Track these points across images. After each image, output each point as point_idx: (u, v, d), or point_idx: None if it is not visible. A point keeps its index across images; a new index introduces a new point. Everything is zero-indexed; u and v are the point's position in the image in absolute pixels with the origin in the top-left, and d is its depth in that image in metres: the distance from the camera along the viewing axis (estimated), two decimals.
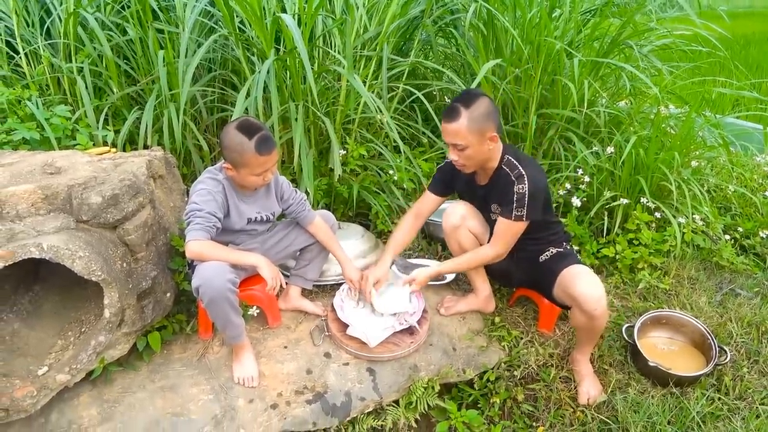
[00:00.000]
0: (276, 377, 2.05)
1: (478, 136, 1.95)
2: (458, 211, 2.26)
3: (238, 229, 2.09)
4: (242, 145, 1.87)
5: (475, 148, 1.97)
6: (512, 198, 2.01)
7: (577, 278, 1.99)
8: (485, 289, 2.41)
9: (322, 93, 2.95)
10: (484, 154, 2.02)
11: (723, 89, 3.76)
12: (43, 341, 1.98)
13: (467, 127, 1.93)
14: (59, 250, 1.73)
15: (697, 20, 3.07)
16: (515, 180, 2.01)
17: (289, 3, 3.16)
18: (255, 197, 2.12)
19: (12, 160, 2.15)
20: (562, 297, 2.11)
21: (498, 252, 2.12)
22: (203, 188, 1.93)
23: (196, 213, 1.88)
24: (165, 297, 2.15)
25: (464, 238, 2.27)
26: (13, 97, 2.66)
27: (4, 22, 3.05)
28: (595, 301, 1.92)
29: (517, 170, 2.03)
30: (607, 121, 3.10)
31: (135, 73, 3.04)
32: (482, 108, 1.93)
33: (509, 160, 2.06)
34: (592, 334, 2.07)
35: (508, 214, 2.04)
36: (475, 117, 1.92)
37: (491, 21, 3.09)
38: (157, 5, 2.94)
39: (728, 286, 2.70)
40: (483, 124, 1.94)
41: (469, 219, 2.26)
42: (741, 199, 3.29)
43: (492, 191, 2.14)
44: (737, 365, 2.24)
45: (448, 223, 2.29)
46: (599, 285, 1.97)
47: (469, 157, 2.01)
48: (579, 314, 1.99)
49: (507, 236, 2.08)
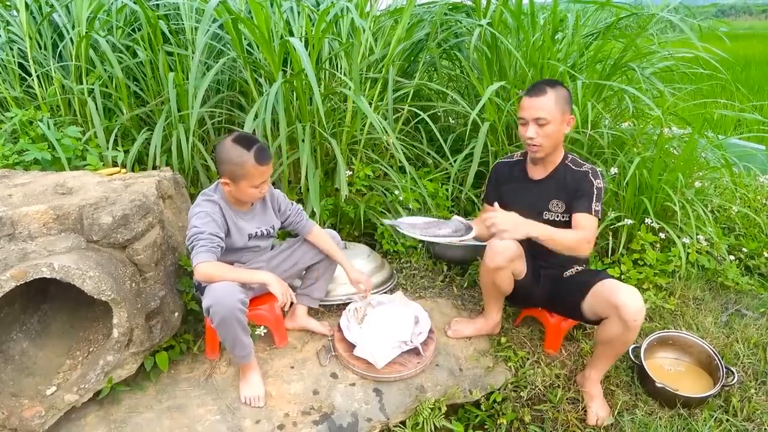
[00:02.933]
0: (283, 397, 2.05)
1: (560, 114, 2.05)
2: (506, 254, 2.07)
3: (240, 246, 2.10)
4: (241, 157, 1.89)
5: (556, 126, 2.05)
6: (591, 192, 2.07)
7: (620, 288, 1.97)
8: (497, 317, 2.41)
9: (328, 114, 3.00)
10: (559, 136, 2.09)
11: (725, 111, 3.80)
12: (52, 361, 1.99)
13: (554, 102, 2.03)
14: (70, 269, 1.74)
15: (697, 43, 3.11)
16: (591, 175, 2.09)
17: (296, 26, 3.23)
18: (252, 213, 2.14)
19: (24, 180, 2.18)
20: (598, 308, 2.04)
21: (588, 239, 2.02)
22: (201, 211, 1.95)
23: (198, 236, 1.90)
24: (173, 317, 2.16)
25: (502, 279, 2.18)
26: (25, 119, 2.71)
27: (18, 45, 3.11)
28: (637, 312, 1.90)
29: (586, 166, 2.12)
30: (611, 142, 3.13)
31: (144, 95, 3.09)
32: (564, 91, 2.07)
33: (574, 158, 2.16)
34: (618, 349, 2.03)
35: (587, 209, 2.06)
36: (560, 96, 2.04)
37: (495, 44, 3.14)
38: (168, 28, 3.00)
39: (734, 307, 2.70)
40: (565, 105, 2.06)
41: (516, 261, 2.13)
42: (745, 219, 3.30)
43: (555, 185, 2.16)
44: (744, 386, 2.23)
45: (492, 262, 2.11)
46: (641, 297, 1.95)
47: (548, 135, 2.06)
48: (615, 324, 1.95)
49: (589, 228, 2.05)
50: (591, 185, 2.08)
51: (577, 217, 2.07)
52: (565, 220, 2.14)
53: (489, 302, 2.39)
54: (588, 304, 2.09)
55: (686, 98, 3.54)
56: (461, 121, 3.70)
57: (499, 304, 2.38)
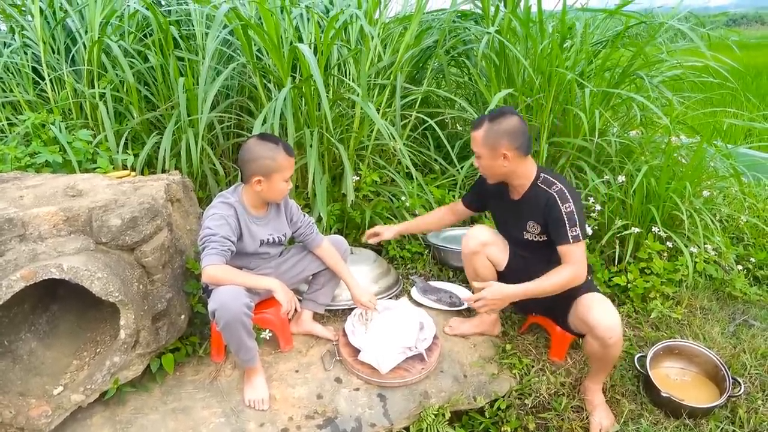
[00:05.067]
0: (287, 401, 2.06)
1: (490, 150, 2.01)
2: (478, 237, 2.27)
3: (251, 251, 2.12)
4: (273, 151, 1.97)
5: (486, 160, 2.05)
6: (562, 220, 1.98)
7: (593, 305, 1.98)
8: (493, 314, 2.42)
9: (336, 120, 3.02)
10: (499, 168, 2.06)
11: (734, 120, 3.78)
12: (59, 361, 2.01)
13: (482, 138, 2.01)
14: (78, 271, 1.77)
15: (707, 52, 3.10)
16: (558, 199, 2.00)
17: (305, 32, 3.26)
18: (267, 219, 2.15)
19: (36, 182, 2.21)
20: (577, 324, 2.10)
21: (577, 272, 1.98)
22: (215, 213, 1.97)
23: (211, 238, 1.92)
24: (179, 319, 2.17)
25: (481, 265, 2.28)
26: (37, 122, 2.75)
27: (32, 49, 3.16)
28: (610, 329, 1.91)
29: (555, 186, 2.03)
30: (619, 150, 3.13)
31: (155, 99, 3.13)
32: (504, 125, 1.99)
33: (546, 178, 2.08)
34: (606, 363, 2.05)
35: (564, 240, 1.98)
36: (493, 130, 1.99)
37: (503, 51, 3.16)
38: (179, 34, 3.04)
39: (741, 317, 2.68)
40: (498, 140, 1.99)
41: (490, 245, 2.27)
42: (753, 229, 3.28)
43: (528, 207, 2.12)
44: (751, 397, 2.21)
45: (467, 247, 2.29)
46: (615, 313, 1.96)
47: (483, 167, 2.09)
48: (593, 342, 1.98)
49: (575, 258, 1.99)
50: (559, 212, 1.98)
51: (559, 250, 2.02)
52: (543, 240, 2.13)
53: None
54: (571, 319, 2.13)
55: (695, 107, 3.53)
56: (468, 128, 3.70)
57: None
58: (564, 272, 1.99)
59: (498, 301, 2.02)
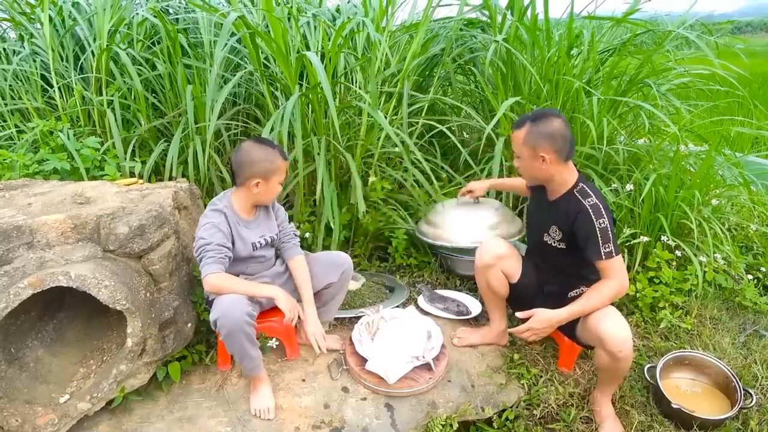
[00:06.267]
0: (293, 410, 2.05)
1: (530, 151, 1.99)
2: (494, 250, 2.23)
3: (245, 256, 2.11)
4: (271, 154, 2.00)
5: (525, 161, 2.03)
6: (595, 236, 1.93)
7: (603, 318, 1.94)
8: (502, 324, 2.40)
9: (343, 128, 3.02)
10: (536, 170, 2.03)
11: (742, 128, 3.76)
12: (66, 369, 2.00)
13: (523, 139, 2.00)
14: (86, 278, 1.76)
15: (714, 60, 3.09)
16: (592, 214, 1.94)
17: (312, 40, 3.26)
18: (257, 221, 2.15)
19: (44, 189, 2.22)
20: (586, 336, 2.07)
21: (620, 286, 1.95)
22: (206, 222, 1.97)
23: (206, 247, 1.92)
24: (186, 327, 2.17)
25: (494, 278, 2.25)
26: (46, 129, 2.76)
27: (41, 57, 3.18)
28: (621, 343, 1.88)
29: (591, 200, 1.97)
30: (626, 158, 3.11)
31: (162, 107, 3.14)
32: (546, 127, 1.96)
33: (583, 188, 2.03)
34: (616, 375, 2.03)
35: (598, 257, 1.93)
36: (534, 132, 1.97)
37: (510, 59, 3.15)
38: (187, 42, 3.05)
39: (752, 327, 2.65)
40: (538, 141, 1.96)
41: (504, 258, 2.23)
42: (763, 238, 3.25)
43: (557, 211, 2.08)
44: (763, 409, 2.18)
45: (481, 260, 2.26)
46: (625, 326, 1.93)
47: (522, 168, 2.08)
48: (603, 355, 1.95)
49: (614, 272, 1.95)
50: (593, 227, 1.93)
51: (597, 265, 1.98)
52: (561, 248, 2.10)
53: (490, 307, 2.40)
54: (579, 331, 2.09)
55: (703, 115, 3.52)
56: (475, 136, 3.70)
57: (500, 309, 2.38)
58: (605, 288, 1.95)
59: (546, 328, 1.99)
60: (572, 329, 2.13)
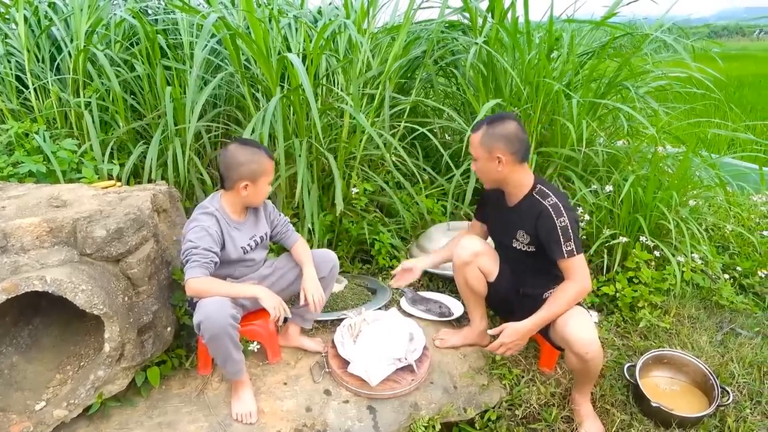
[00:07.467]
0: (275, 414, 2.03)
1: (486, 153, 2.01)
2: (470, 248, 2.24)
3: (234, 258, 2.09)
4: (258, 155, 1.99)
5: (482, 163, 2.04)
6: (556, 235, 1.95)
7: (569, 320, 1.96)
8: (482, 324, 2.41)
9: (325, 129, 3.01)
10: (493, 172, 2.04)
11: (718, 130, 3.83)
12: (41, 375, 1.96)
13: (479, 141, 2.02)
14: (62, 283, 1.73)
15: (691, 63, 3.15)
16: (552, 212, 1.97)
17: (294, 42, 3.25)
18: (247, 223, 2.14)
19: (18, 192, 2.18)
20: (555, 338, 2.08)
21: (581, 286, 1.98)
22: (196, 225, 1.95)
23: (192, 251, 1.89)
24: (165, 331, 2.14)
25: (471, 276, 2.26)
26: (21, 131, 2.71)
27: (16, 58, 3.12)
28: (587, 344, 1.90)
29: (550, 199, 2.00)
30: (606, 160, 3.15)
31: (141, 109, 3.10)
32: (501, 129, 1.98)
33: (541, 189, 2.05)
34: (588, 376, 2.05)
35: (560, 255, 1.96)
36: (490, 134, 1.99)
37: (491, 62, 3.17)
38: (166, 43, 3.02)
39: (728, 326, 2.69)
40: (494, 143, 1.98)
41: (481, 256, 2.25)
42: (739, 238, 3.31)
43: (520, 216, 2.09)
44: (740, 406, 2.22)
45: (459, 258, 2.27)
46: (591, 327, 1.95)
47: (478, 170, 2.09)
48: (571, 356, 1.98)
49: (575, 272, 1.98)
50: (553, 225, 1.96)
51: (560, 264, 2.01)
52: (531, 251, 2.11)
53: (470, 307, 2.41)
54: (552, 334, 2.11)
55: (680, 117, 3.57)
56: (457, 138, 3.71)
57: (480, 309, 2.39)
58: (568, 289, 1.99)
59: (518, 341, 2.03)
60: (546, 331, 2.14)
